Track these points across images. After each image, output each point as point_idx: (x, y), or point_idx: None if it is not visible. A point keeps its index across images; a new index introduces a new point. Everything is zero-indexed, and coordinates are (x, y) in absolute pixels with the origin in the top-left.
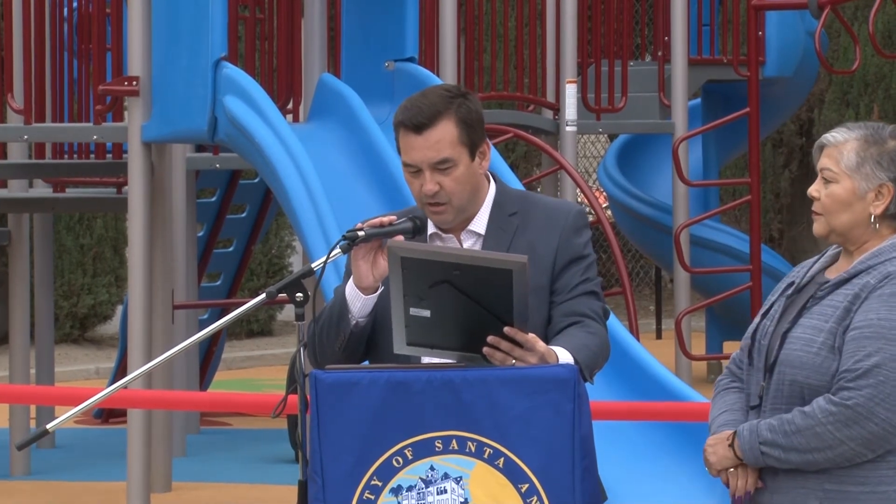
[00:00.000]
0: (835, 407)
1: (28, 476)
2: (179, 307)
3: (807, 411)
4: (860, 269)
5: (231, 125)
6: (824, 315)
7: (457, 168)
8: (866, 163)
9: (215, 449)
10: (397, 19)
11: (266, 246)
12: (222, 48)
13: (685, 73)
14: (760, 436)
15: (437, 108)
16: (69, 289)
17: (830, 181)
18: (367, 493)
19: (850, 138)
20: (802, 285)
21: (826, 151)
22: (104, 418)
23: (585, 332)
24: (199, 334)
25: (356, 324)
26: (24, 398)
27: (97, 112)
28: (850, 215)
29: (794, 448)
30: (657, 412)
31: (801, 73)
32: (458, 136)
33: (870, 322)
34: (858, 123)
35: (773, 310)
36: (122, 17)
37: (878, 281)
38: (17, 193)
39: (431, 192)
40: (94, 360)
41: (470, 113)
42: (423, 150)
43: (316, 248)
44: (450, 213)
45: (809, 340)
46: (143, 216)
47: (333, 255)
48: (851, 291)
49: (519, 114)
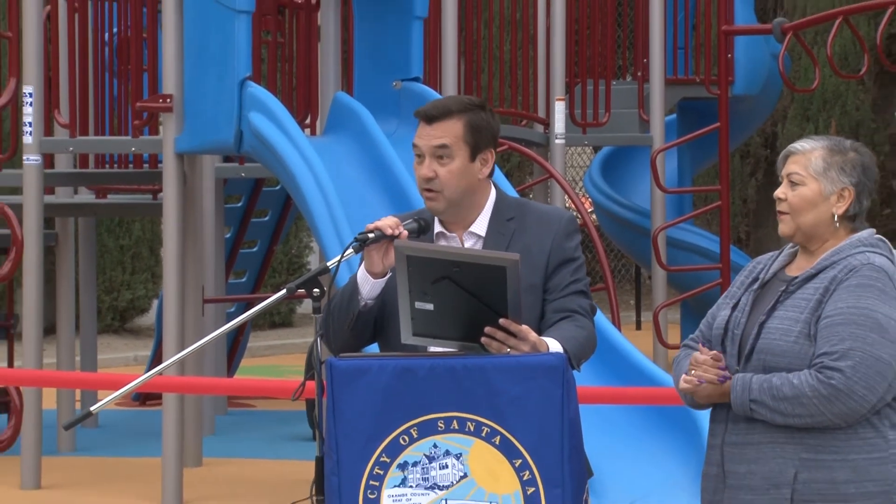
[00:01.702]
0: (821, 385)
1: (73, 452)
2: (209, 301)
3: (795, 383)
4: (825, 265)
5: (255, 138)
6: (798, 307)
7: (453, 161)
8: (832, 168)
9: (241, 428)
10: (404, 43)
11: (286, 246)
12: (247, 69)
13: (662, 92)
14: (751, 392)
15: (450, 108)
16: (110, 285)
17: (798, 184)
18: (377, 469)
19: (816, 147)
20: (766, 280)
21: (793, 158)
22: (141, 401)
23: (574, 325)
24: (226, 326)
25: (364, 305)
26: (69, 383)
27: (135, 126)
28: (815, 214)
29: (779, 411)
30: (637, 396)
31: (767, 91)
32: (462, 133)
33: (840, 310)
34: (821, 136)
35: (742, 303)
36: (158, 40)
37: (844, 274)
38: (63, 199)
39: (426, 176)
40: (132, 349)
41: (480, 120)
42: (428, 137)
43: (331, 248)
44: (441, 202)
45: (787, 330)
46: (176, 220)
47: (346, 254)
48: (821, 285)
49: (513, 128)
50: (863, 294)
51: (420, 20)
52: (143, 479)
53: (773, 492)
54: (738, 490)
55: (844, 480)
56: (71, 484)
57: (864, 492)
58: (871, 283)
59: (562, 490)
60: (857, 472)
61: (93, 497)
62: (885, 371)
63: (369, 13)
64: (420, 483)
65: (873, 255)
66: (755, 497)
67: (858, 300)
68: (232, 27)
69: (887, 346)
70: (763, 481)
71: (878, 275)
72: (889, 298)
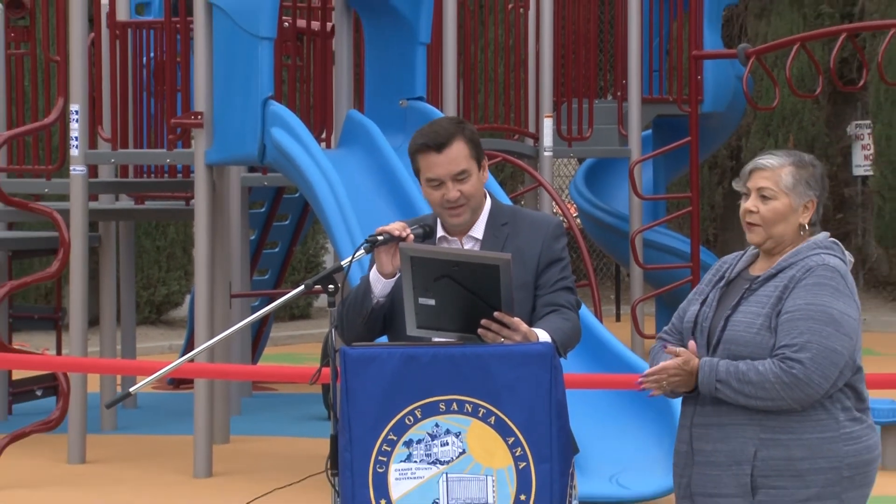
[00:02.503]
0: (783, 373)
1: (115, 430)
2: (235, 296)
3: (760, 370)
4: (784, 265)
5: (277, 151)
6: (760, 303)
7: (471, 177)
8: (800, 183)
9: (264, 409)
10: (409, 66)
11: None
12: (269, 89)
13: (639, 110)
14: (718, 374)
15: (450, 131)
16: (147, 281)
17: (770, 198)
18: (385, 446)
19: (785, 164)
20: (732, 279)
21: (762, 174)
22: (175, 385)
23: (561, 318)
24: (251, 318)
25: (377, 302)
26: (111, 369)
27: (170, 140)
28: (786, 225)
29: (742, 393)
30: (617, 382)
31: (732, 109)
32: (469, 151)
33: (799, 307)
34: (782, 151)
35: (710, 299)
36: (190, 64)
37: (801, 274)
38: (105, 205)
39: (455, 198)
40: (167, 339)
41: (473, 135)
42: (445, 166)
43: (344, 249)
44: (466, 214)
45: (750, 323)
46: (206, 223)
47: (358, 255)
48: (781, 283)
49: (506, 142)
50: (819, 292)
51: (423, 46)
52: (177, 454)
53: (735, 468)
54: (705, 466)
55: (799, 457)
56: (113, 459)
57: (816, 467)
58: (826, 282)
59: (550, 465)
60: (811, 450)
61: (132, 470)
62: (839, 361)
63: (378, 40)
64: (423, 458)
65: (828, 256)
66: (720, 472)
67: (815, 297)
68: (256, 52)
69: (841, 338)
70: (727, 458)
71: (833, 274)
72: (842, 296)
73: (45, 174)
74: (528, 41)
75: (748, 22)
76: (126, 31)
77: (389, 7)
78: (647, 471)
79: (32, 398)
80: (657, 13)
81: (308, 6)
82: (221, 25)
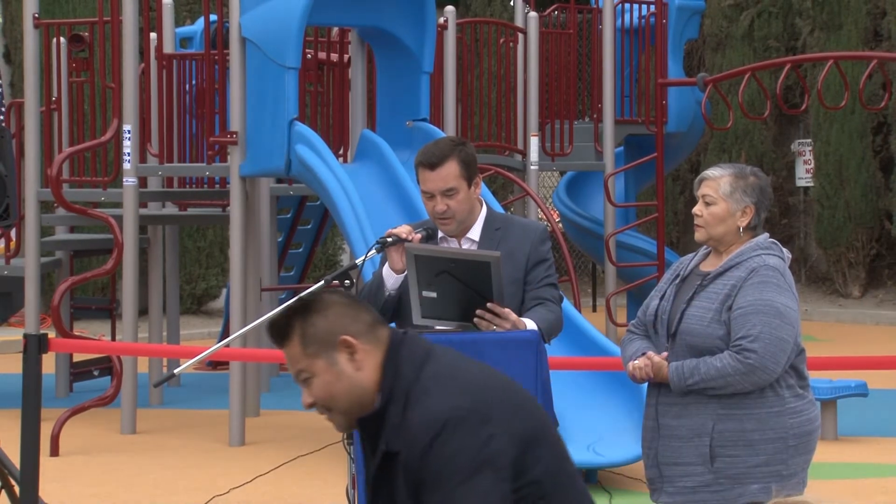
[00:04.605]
0: (740, 364)
1: (161, 405)
2: (265, 290)
3: (719, 367)
4: (731, 264)
5: (301, 165)
6: (710, 299)
7: (458, 194)
8: (736, 191)
9: (290, 387)
10: (414, 92)
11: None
12: (294, 112)
13: (612, 129)
14: (686, 380)
15: (444, 152)
16: (189, 277)
17: (711, 203)
18: None
19: (724, 174)
20: (685, 276)
21: (706, 183)
22: (213, 367)
23: (546, 310)
24: (278, 309)
25: (389, 294)
26: (158, 353)
27: (209, 155)
28: (724, 227)
29: (708, 387)
30: (594, 364)
31: (692, 129)
32: (459, 171)
33: (749, 303)
34: (727, 164)
35: (668, 294)
36: (226, 90)
37: (747, 274)
38: (153, 212)
39: (441, 211)
40: (206, 326)
41: (468, 156)
42: (436, 182)
43: (358, 249)
44: (453, 224)
45: (702, 317)
46: (240, 227)
47: (370, 254)
48: (729, 282)
49: (498, 157)
50: (764, 289)
51: (427, 74)
52: (215, 425)
53: (696, 440)
54: (669, 439)
55: (751, 429)
56: (159, 430)
57: (766, 438)
58: (769, 280)
59: None
60: (761, 423)
61: (176, 440)
62: (786, 348)
63: (388, 69)
64: None
65: (768, 256)
66: (683, 444)
67: (762, 294)
68: (283, 80)
69: (786, 328)
70: (688, 431)
71: (774, 273)
72: (783, 290)
73: (101, 185)
74: (518, 70)
75: (706, 54)
76: (171, 62)
77: (398, 41)
78: (620, 440)
79: (90, 378)
80: (628, 47)
81: (328, 40)
82: (253, 57)
